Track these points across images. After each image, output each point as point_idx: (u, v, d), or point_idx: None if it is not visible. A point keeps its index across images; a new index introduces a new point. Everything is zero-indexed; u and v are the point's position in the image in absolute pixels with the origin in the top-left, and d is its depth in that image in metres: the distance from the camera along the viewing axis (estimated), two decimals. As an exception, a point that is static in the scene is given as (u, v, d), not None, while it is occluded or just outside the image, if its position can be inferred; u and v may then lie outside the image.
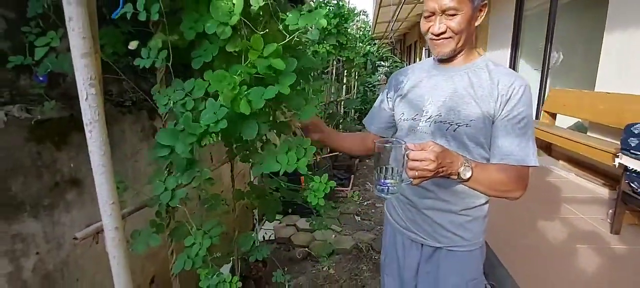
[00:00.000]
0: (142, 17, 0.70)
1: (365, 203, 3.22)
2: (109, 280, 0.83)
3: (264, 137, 0.89)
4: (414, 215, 1.07)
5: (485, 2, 0.93)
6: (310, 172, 0.92)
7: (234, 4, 0.77)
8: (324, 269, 2.19)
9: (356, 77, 5.49)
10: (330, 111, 4.03)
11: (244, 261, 1.84)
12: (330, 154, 3.36)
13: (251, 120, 0.80)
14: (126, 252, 0.86)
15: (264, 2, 0.78)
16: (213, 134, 0.74)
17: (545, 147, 3.77)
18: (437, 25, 0.92)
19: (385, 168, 0.83)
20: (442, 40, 0.94)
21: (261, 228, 2.55)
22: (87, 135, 0.76)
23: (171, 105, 0.80)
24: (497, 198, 0.94)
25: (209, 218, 0.98)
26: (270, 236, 2.51)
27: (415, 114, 1.02)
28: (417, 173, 0.78)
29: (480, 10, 0.93)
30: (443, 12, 0.90)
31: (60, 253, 1.11)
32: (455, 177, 0.85)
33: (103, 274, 1.24)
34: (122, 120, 1.33)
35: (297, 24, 0.80)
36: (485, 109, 0.92)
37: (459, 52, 0.97)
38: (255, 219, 2.49)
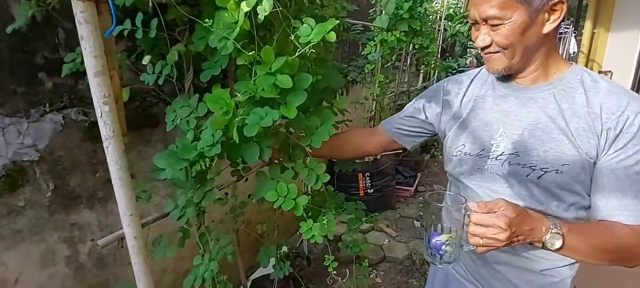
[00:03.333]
0: (139, 35, 0.68)
1: (430, 206, 2.93)
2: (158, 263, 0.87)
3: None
4: (479, 267, 0.85)
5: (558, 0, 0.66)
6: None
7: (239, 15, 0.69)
8: (371, 276, 2.07)
9: (436, 64, 4.97)
10: (401, 102, 3.74)
11: (286, 256, 1.85)
12: (395, 151, 3.13)
13: (252, 144, 0.73)
14: (146, 259, 0.90)
15: (271, 10, 0.68)
16: (207, 159, 0.69)
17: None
18: (481, 36, 0.70)
19: (441, 227, 0.67)
20: (490, 54, 0.72)
21: (314, 222, 2.54)
22: (105, 149, 0.79)
23: (178, 121, 0.78)
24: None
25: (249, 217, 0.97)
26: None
27: (481, 149, 0.78)
28: (481, 242, 0.62)
29: (550, 12, 0.66)
30: (485, 21, 0.68)
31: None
32: (540, 245, 0.65)
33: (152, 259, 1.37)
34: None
35: (310, 36, 0.68)
36: (585, 148, 0.67)
37: (521, 69, 0.73)
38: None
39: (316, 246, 2.30)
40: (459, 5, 6.33)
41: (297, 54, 0.68)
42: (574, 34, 4.13)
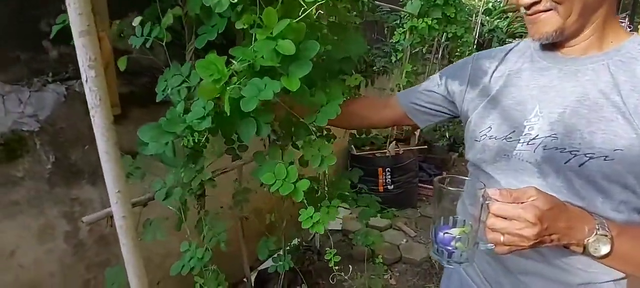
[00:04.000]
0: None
1: (455, 208, 2.74)
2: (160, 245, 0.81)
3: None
4: (499, 274, 0.70)
5: None
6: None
7: (236, -33, 0.59)
8: (385, 277, 1.95)
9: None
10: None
11: (295, 249, 1.77)
12: (420, 146, 2.96)
13: (248, 119, 0.63)
14: (136, 240, 0.84)
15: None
16: (196, 134, 0.60)
17: None
18: None
19: (453, 219, 0.57)
20: (537, 14, 0.58)
21: (330, 216, 2.44)
22: (92, 120, 0.72)
23: (168, 91, 0.70)
24: None
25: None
26: (337, 225, 2.39)
27: (511, 130, 0.65)
28: (502, 239, 0.51)
29: None
30: None
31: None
32: (579, 249, 0.54)
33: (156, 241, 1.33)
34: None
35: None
36: None
37: (574, 34, 0.59)
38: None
39: (329, 240, 2.20)
40: (498, 1, 5.94)
41: (301, 16, 0.57)
42: (629, 29, 3.75)
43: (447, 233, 0.56)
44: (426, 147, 3.12)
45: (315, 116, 0.64)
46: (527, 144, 0.62)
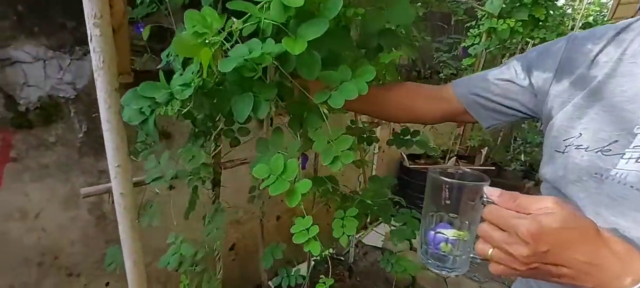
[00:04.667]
0: None
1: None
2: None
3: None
4: None
5: None
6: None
7: None
8: (428, 313, 1.67)
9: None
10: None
11: (322, 262, 1.61)
12: (486, 166, 2.55)
13: (246, 94, 0.50)
14: (134, 222, 0.77)
15: None
16: (177, 102, 0.49)
17: None
18: None
19: (449, 219, 0.48)
20: None
21: (372, 230, 2.22)
22: (95, 82, 0.67)
23: (171, 58, 0.61)
24: None
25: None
26: (378, 241, 2.16)
27: (612, 139, 0.45)
28: (490, 253, 0.41)
29: None
30: None
31: (141, 195, 1.19)
32: None
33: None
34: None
35: None
36: None
37: None
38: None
39: (366, 256, 1.99)
40: (602, 14, 5.04)
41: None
42: None
43: (439, 232, 0.48)
44: (494, 169, 2.70)
45: (329, 94, 0.48)
46: (636, 162, 0.43)
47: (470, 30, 2.29)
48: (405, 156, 2.43)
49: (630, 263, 0.37)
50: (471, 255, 0.48)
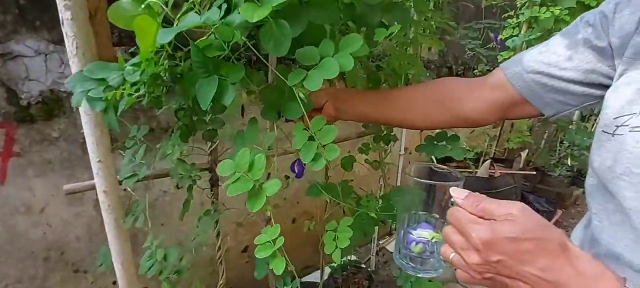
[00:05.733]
0: None
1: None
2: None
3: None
4: None
5: None
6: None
7: None
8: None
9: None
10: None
11: (340, 270, 1.50)
12: (526, 171, 2.29)
13: (211, 77, 0.42)
14: (119, 221, 0.72)
15: None
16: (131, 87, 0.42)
17: None
18: None
19: (428, 219, 0.46)
20: None
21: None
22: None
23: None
24: None
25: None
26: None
27: None
28: (451, 257, 0.38)
29: None
30: None
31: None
32: None
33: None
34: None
35: None
36: None
37: None
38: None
39: (387, 264, 1.85)
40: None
41: None
42: None
43: (412, 233, 0.46)
44: (535, 174, 2.44)
45: (304, 73, 0.39)
46: None
47: (508, 19, 2.07)
48: (434, 158, 2.25)
49: (594, 278, 0.33)
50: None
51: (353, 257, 1.73)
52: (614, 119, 0.38)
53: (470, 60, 2.38)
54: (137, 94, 0.44)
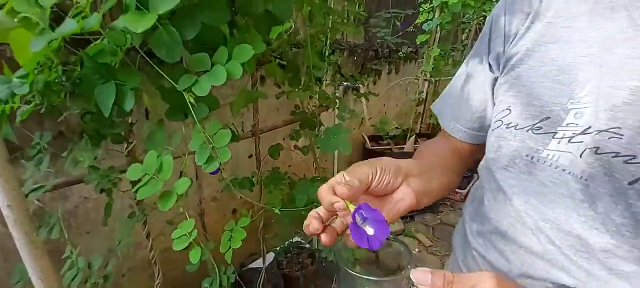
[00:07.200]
0: None
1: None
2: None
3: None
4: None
5: None
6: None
7: None
8: (390, 291, 1.69)
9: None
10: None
11: (283, 253, 1.58)
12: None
13: (107, 83, 0.44)
14: (32, 235, 0.70)
15: None
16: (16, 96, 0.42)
17: None
18: None
19: None
20: None
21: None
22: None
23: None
24: None
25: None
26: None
27: (543, 116, 0.40)
28: None
29: None
30: None
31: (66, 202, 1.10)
32: None
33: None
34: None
35: None
36: None
37: None
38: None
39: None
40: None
41: None
42: None
43: None
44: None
45: (194, 79, 0.43)
46: (569, 142, 0.38)
47: (422, 5, 2.27)
48: (367, 138, 2.41)
49: None
50: None
51: (297, 238, 1.81)
52: (493, 116, 0.46)
53: (395, 44, 2.57)
54: (33, 104, 0.44)
